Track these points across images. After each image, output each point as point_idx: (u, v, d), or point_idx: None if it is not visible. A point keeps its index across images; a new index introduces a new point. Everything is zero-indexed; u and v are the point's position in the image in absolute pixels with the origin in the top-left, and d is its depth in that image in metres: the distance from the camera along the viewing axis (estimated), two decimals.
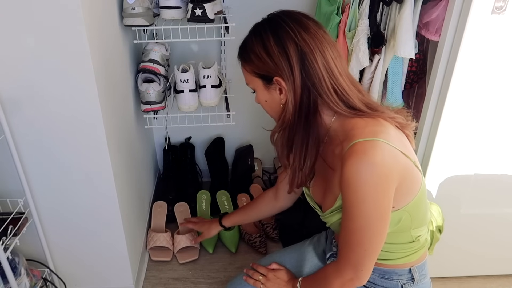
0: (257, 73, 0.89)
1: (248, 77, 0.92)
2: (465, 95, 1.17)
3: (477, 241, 1.42)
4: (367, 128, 0.82)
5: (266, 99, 0.92)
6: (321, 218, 0.99)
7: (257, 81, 0.90)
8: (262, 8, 1.64)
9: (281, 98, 0.88)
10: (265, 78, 0.88)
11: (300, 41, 0.82)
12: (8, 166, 1.09)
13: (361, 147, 0.79)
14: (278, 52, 0.83)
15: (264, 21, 0.90)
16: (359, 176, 0.78)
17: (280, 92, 0.87)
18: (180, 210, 1.73)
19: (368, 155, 0.78)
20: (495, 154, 1.28)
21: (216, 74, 1.50)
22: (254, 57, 0.87)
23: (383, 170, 0.78)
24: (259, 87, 0.91)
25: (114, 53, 1.25)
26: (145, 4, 1.28)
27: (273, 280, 1.09)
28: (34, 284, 1.18)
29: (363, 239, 0.84)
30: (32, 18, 0.93)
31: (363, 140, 0.80)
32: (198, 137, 1.96)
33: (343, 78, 0.85)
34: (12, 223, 1.06)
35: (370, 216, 0.81)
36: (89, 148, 1.12)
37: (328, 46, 0.84)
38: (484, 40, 1.09)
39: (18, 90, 1.01)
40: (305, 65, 0.82)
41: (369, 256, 0.86)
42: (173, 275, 1.54)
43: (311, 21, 0.86)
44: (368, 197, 0.79)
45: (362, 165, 0.78)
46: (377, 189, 0.79)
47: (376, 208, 0.81)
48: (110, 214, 1.24)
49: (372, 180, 0.78)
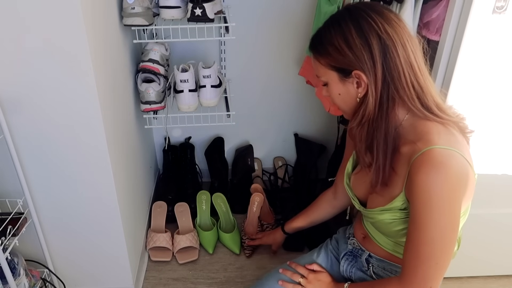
0: (334, 66, 0.85)
1: (321, 70, 0.88)
2: (466, 95, 1.16)
3: (478, 241, 1.42)
4: (443, 136, 0.81)
5: (340, 92, 0.88)
6: (362, 212, 0.97)
7: (332, 74, 0.87)
8: (262, 8, 1.66)
9: (358, 92, 0.85)
10: (343, 71, 0.85)
11: (383, 33, 0.80)
12: (7, 166, 1.09)
13: (438, 156, 0.78)
14: (360, 44, 0.80)
15: (344, 12, 0.86)
16: (433, 186, 0.77)
17: (358, 85, 0.84)
18: (180, 210, 1.73)
19: (446, 165, 0.77)
20: (495, 154, 1.27)
21: (216, 74, 1.49)
22: (332, 49, 0.84)
23: (456, 181, 0.78)
24: (333, 80, 0.87)
25: (114, 53, 1.24)
26: (145, 3, 1.28)
27: (313, 282, 1.06)
28: (33, 285, 1.18)
29: (434, 251, 0.80)
30: (32, 18, 0.93)
31: (441, 148, 0.78)
32: (198, 137, 1.96)
33: (421, 73, 0.83)
34: (11, 224, 1.06)
35: (444, 227, 0.79)
36: (88, 148, 1.11)
37: (408, 39, 0.82)
38: (484, 40, 1.08)
39: (18, 90, 1.01)
40: (387, 58, 0.80)
41: (440, 270, 0.82)
42: (173, 275, 1.54)
43: (392, 13, 0.84)
44: (443, 207, 0.78)
45: (437, 175, 0.77)
46: (452, 199, 0.78)
47: (450, 218, 0.79)
48: (110, 214, 1.24)
49: (446, 190, 0.77)
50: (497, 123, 1.22)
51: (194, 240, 1.62)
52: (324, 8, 1.38)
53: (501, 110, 1.20)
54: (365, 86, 0.83)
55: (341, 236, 1.14)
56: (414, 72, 0.82)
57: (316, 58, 0.89)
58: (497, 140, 1.25)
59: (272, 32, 1.70)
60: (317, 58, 0.88)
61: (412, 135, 0.84)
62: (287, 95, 1.87)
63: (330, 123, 1.89)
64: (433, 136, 0.80)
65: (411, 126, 0.85)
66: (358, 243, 1.05)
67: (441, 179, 0.77)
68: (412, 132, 0.84)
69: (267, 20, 1.67)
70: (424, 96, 0.84)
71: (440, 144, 0.79)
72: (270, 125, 1.96)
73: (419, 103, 0.83)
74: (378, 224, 0.94)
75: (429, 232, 0.80)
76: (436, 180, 0.77)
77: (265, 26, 1.68)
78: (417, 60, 0.83)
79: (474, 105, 1.18)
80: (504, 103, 1.19)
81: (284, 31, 1.70)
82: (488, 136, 1.24)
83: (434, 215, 0.78)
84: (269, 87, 1.84)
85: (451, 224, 0.80)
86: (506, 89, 1.17)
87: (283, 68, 1.79)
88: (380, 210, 0.90)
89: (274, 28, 1.69)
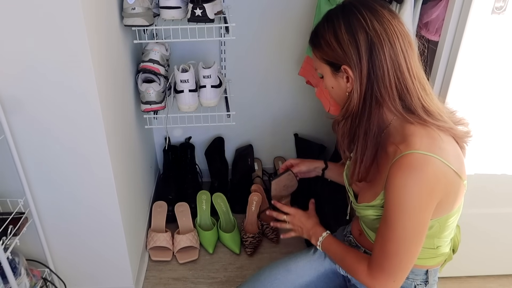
0: (326, 60, 0.88)
1: (317, 62, 0.92)
2: (465, 95, 1.17)
3: (477, 241, 1.42)
4: (426, 140, 0.81)
5: (332, 85, 0.91)
6: (353, 206, 0.99)
7: (325, 67, 0.89)
8: (262, 8, 1.66)
9: (347, 87, 0.87)
10: (333, 66, 0.87)
11: (370, 30, 0.80)
12: (8, 166, 1.09)
13: (414, 160, 0.79)
14: (348, 40, 0.82)
15: (338, 8, 0.87)
16: (405, 189, 0.78)
17: (347, 80, 0.86)
18: (180, 210, 1.73)
19: (419, 170, 0.78)
20: (495, 154, 1.28)
21: (216, 74, 1.50)
22: (324, 43, 0.86)
23: (429, 187, 0.78)
24: (327, 73, 0.90)
25: (114, 53, 1.25)
26: (145, 4, 1.28)
27: (297, 217, 1.09)
28: (34, 284, 1.18)
29: (399, 250, 0.83)
30: (32, 18, 0.93)
31: (419, 153, 0.79)
32: (198, 137, 1.97)
33: (410, 73, 0.82)
34: (12, 223, 1.06)
35: (409, 228, 0.81)
36: (89, 148, 1.12)
37: (400, 38, 0.81)
38: (484, 40, 1.09)
39: (18, 90, 1.01)
40: (373, 55, 0.80)
41: (404, 268, 0.85)
42: (173, 275, 1.54)
43: (386, 10, 0.84)
44: (412, 210, 0.79)
45: (411, 179, 0.78)
46: (420, 204, 0.79)
47: (418, 222, 0.81)
48: (110, 214, 1.24)
49: (417, 195, 0.78)
50: (497, 123, 1.22)
51: (194, 240, 1.62)
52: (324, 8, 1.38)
53: (501, 110, 1.20)
54: (352, 82, 0.84)
55: (339, 234, 1.15)
56: (401, 72, 0.82)
57: (313, 51, 0.92)
58: (496, 140, 1.25)
59: (272, 32, 1.70)
60: (314, 51, 0.91)
61: (398, 136, 0.85)
62: (287, 95, 1.87)
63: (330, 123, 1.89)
64: (416, 139, 0.81)
65: (399, 126, 0.86)
66: (354, 240, 1.07)
67: (412, 184, 0.78)
68: (399, 134, 0.85)
69: (267, 20, 1.67)
70: (409, 97, 0.83)
71: (422, 149, 0.79)
72: (270, 125, 1.96)
73: (400, 105, 0.83)
74: (364, 219, 0.97)
75: (396, 232, 0.82)
76: (409, 184, 0.78)
77: (265, 26, 1.69)
78: (407, 60, 0.82)
79: (474, 105, 1.18)
80: (503, 103, 1.19)
81: (284, 31, 1.70)
82: (487, 136, 1.24)
83: (402, 217, 0.80)
84: (269, 87, 1.85)
85: (418, 227, 0.81)
86: (505, 89, 1.17)
87: (283, 68, 1.79)
88: (365, 206, 0.92)
89: (274, 28, 1.69)
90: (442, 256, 0.97)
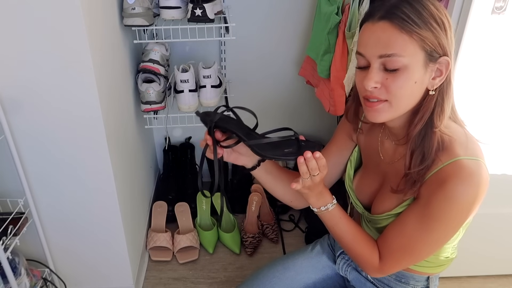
0: (429, 46, 0.70)
1: (407, 48, 0.70)
2: (465, 95, 1.16)
3: (477, 241, 1.42)
4: (468, 145, 0.77)
5: (417, 80, 0.72)
6: (366, 217, 0.95)
7: (419, 56, 0.70)
8: (262, 8, 1.66)
9: (433, 83, 0.74)
10: (432, 55, 0.71)
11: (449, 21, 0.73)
12: (8, 166, 1.09)
13: (467, 167, 0.73)
14: (449, 29, 0.72)
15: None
16: (463, 197, 0.73)
17: (439, 74, 0.73)
18: (180, 210, 1.73)
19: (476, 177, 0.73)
20: (495, 154, 1.27)
21: (216, 74, 1.50)
22: (434, 24, 0.69)
23: (481, 195, 0.75)
24: (416, 64, 0.71)
25: (114, 53, 1.25)
26: (145, 4, 1.28)
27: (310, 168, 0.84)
28: (34, 284, 1.19)
29: (423, 251, 0.81)
30: (32, 18, 0.93)
31: (469, 159, 0.74)
32: (198, 137, 1.96)
33: None
34: (12, 223, 1.06)
35: (446, 235, 0.79)
36: (89, 148, 1.12)
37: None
38: (484, 40, 1.09)
39: (18, 90, 1.01)
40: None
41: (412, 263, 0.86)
42: (173, 275, 1.54)
43: None
44: (457, 218, 0.76)
45: (470, 187, 0.73)
46: (468, 212, 0.76)
47: (456, 227, 0.79)
48: (110, 214, 1.24)
49: (469, 203, 0.74)
50: (497, 123, 1.22)
51: (194, 240, 1.62)
52: (324, 8, 1.38)
53: (501, 110, 1.20)
54: (443, 78, 0.73)
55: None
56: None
57: (404, 30, 0.69)
58: (496, 140, 1.25)
59: (272, 32, 1.70)
60: (409, 32, 0.69)
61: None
62: (287, 95, 1.87)
63: (330, 123, 1.90)
64: (458, 146, 0.76)
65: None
66: None
67: (470, 191, 0.73)
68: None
69: (267, 21, 1.67)
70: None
71: (468, 155, 0.75)
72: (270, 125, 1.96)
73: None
74: (377, 227, 0.92)
75: (431, 235, 0.79)
76: (467, 191, 0.73)
77: (265, 26, 1.69)
78: None
79: (474, 105, 1.18)
80: (504, 103, 1.19)
81: (284, 31, 1.70)
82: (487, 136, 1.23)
83: (445, 222, 0.76)
84: (269, 87, 1.85)
85: (453, 233, 0.80)
86: (505, 89, 1.17)
87: (283, 68, 1.79)
88: (387, 216, 0.87)
89: (274, 28, 1.69)
90: (446, 264, 0.95)
